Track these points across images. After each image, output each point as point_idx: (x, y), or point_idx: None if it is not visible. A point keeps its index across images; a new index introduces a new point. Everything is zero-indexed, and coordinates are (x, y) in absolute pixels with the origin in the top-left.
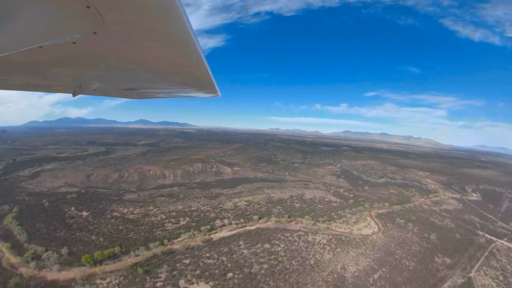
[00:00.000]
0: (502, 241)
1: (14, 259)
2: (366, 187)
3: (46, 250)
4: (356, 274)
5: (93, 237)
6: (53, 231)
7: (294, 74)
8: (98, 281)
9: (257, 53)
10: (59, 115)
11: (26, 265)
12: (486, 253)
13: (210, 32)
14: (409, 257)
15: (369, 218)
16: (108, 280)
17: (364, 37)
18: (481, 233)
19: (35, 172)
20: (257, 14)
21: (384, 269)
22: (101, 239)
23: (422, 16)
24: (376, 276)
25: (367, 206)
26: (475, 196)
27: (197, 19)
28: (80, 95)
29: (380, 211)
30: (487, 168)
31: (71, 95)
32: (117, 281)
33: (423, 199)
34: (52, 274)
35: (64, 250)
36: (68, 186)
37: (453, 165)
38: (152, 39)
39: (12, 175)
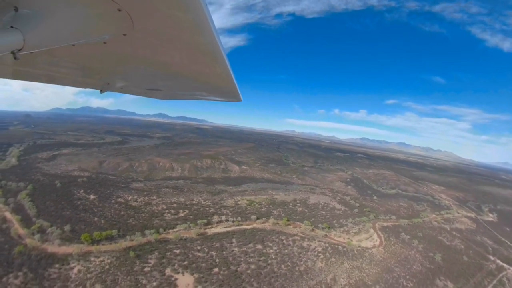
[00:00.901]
0: None
1: (21, 230)
2: (375, 197)
3: (51, 226)
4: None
5: (96, 218)
6: (60, 209)
7: (314, 77)
8: (92, 259)
9: (277, 54)
10: (81, 104)
11: (31, 237)
12: (494, 281)
13: (231, 31)
14: (408, 277)
15: (372, 230)
16: (101, 258)
17: (387, 43)
18: (492, 258)
19: (52, 155)
20: (279, 15)
21: (377, 287)
22: (102, 221)
23: (448, 23)
24: None
25: (372, 217)
26: (491, 217)
27: (219, 18)
28: None
29: (385, 224)
30: (507, 187)
31: None
32: (109, 261)
33: (434, 215)
34: (53, 247)
35: (67, 227)
36: (81, 170)
37: (471, 181)
38: (179, 47)
39: (31, 156)
